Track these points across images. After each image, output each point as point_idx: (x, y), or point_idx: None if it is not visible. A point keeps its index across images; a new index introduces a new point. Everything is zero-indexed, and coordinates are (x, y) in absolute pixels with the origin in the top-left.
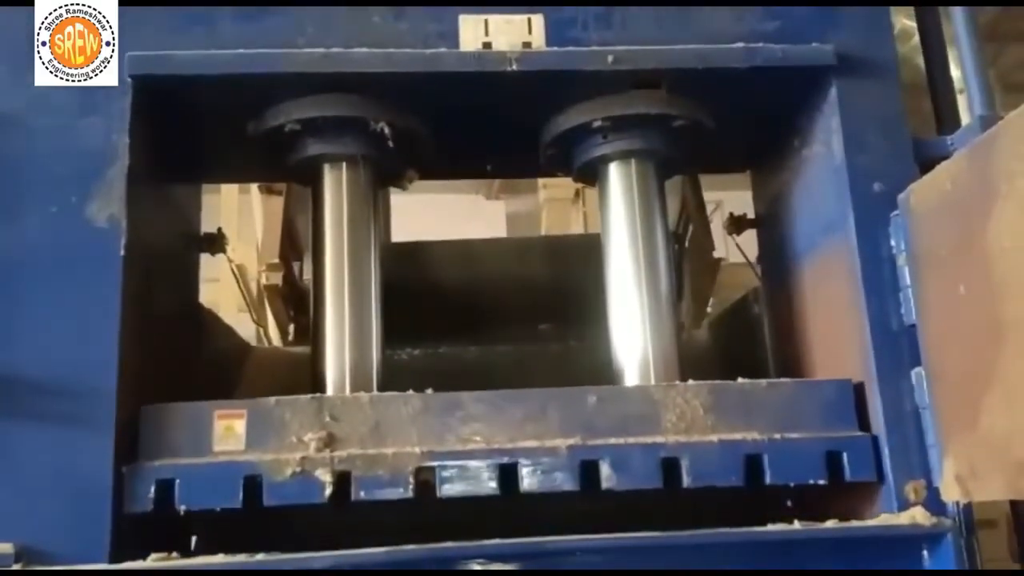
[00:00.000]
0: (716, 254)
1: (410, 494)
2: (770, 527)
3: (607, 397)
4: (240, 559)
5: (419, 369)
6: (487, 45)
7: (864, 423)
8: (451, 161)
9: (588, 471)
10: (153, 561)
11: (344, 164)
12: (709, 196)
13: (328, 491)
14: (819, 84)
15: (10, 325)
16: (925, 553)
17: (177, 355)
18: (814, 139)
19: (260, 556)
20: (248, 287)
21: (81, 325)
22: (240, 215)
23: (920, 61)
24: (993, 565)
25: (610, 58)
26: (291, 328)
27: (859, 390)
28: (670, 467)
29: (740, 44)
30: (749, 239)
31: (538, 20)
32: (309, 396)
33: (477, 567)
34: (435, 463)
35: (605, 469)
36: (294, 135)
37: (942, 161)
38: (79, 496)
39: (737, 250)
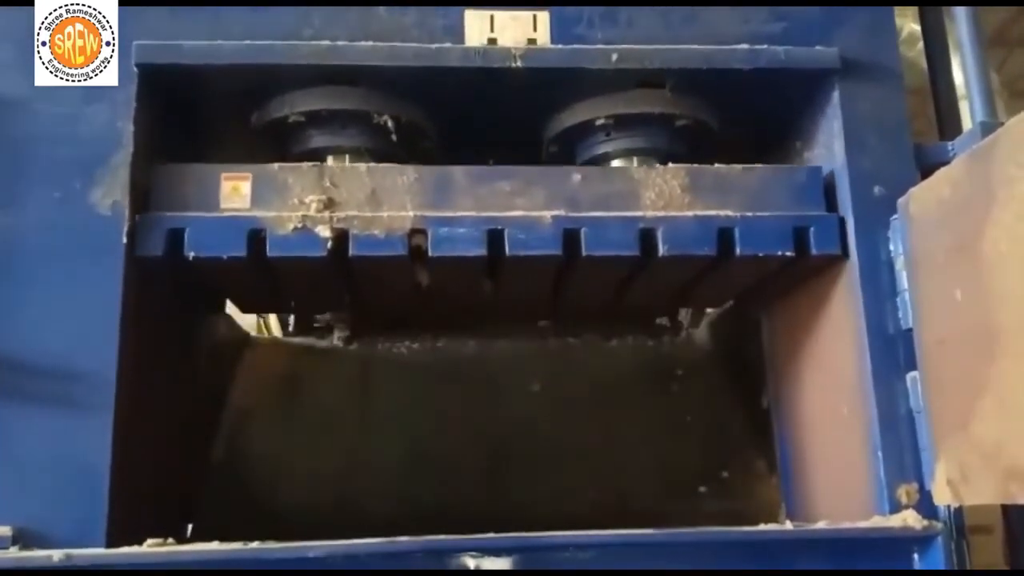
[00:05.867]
0: None
1: (404, 253)
2: (762, 527)
3: (590, 176)
4: (235, 547)
5: (417, 362)
6: (492, 41)
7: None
8: (453, 155)
9: (570, 239)
10: (149, 546)
11: (347, 156)
12: None
13: (328, 246)
14: (822, 87)
15: (11, 309)
16: (916, 556)
17: (177, 343)
18: (816, 141)
19: (255, 544)
20: None
21: (82, 311)
22: None
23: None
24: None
25: (614, 56)
26: (291, 319)
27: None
28: (647, 237)
29: (744, 45)
30: None
31: (544, 17)
32: (310, 164)
33: (470, 560)
34: (428, 226)
35: (586, 237)
36: (298, 126)
37: (943, 166)
38: (77, 480)
39: None
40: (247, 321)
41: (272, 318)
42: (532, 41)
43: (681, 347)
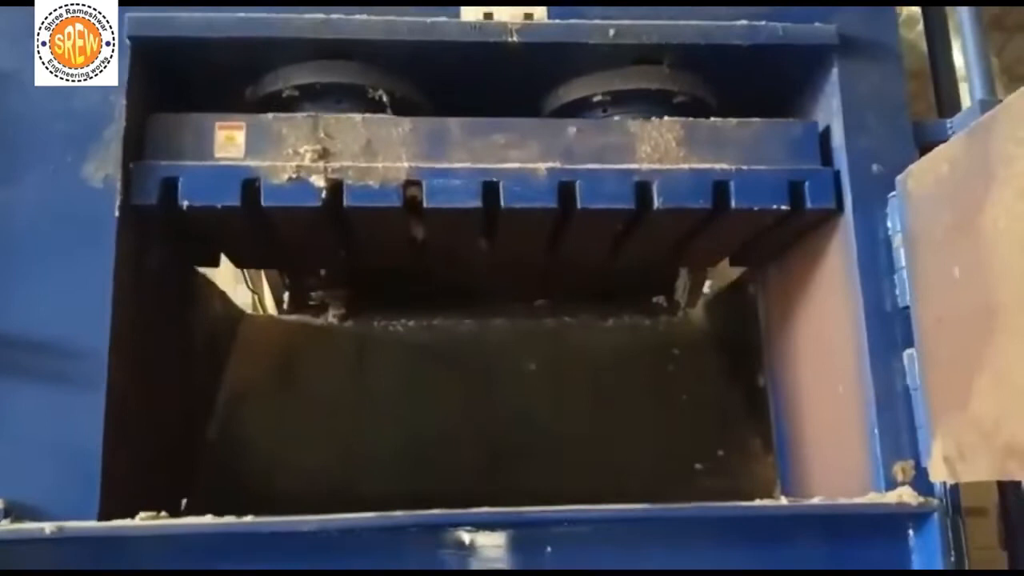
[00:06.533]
0: None
1: (399, 204)
2: (757, 503)
3: (586, 128)
4: (228, 520)
5: (412, 341)
6: (488, 16)
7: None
8: None
9: (565, 191)
10: (141, 520)
11: None
12: None
13: (323, 196)
14: (821, 64)
15: (3, 283)
16: (911, 532)
17: (171, 319)
18: (814, 119)
19: (249, 518)
20: None
21: (74, 285)
22: None
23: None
24: (983, 554)
25: (611, 32)
26: (286, 297)
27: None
28: (643, 190)
29: (743, 21)
30: None
31: None
32: (305, 114)
33: (465, 534)
34: (423, 178)
35: (581, 189)
36: (292, 100)
37: (941, 144)
38: (69, 454)
39: None
40: (242, 299)
41: (267, 296)
42: (529, 16)
43: (677, 326)
